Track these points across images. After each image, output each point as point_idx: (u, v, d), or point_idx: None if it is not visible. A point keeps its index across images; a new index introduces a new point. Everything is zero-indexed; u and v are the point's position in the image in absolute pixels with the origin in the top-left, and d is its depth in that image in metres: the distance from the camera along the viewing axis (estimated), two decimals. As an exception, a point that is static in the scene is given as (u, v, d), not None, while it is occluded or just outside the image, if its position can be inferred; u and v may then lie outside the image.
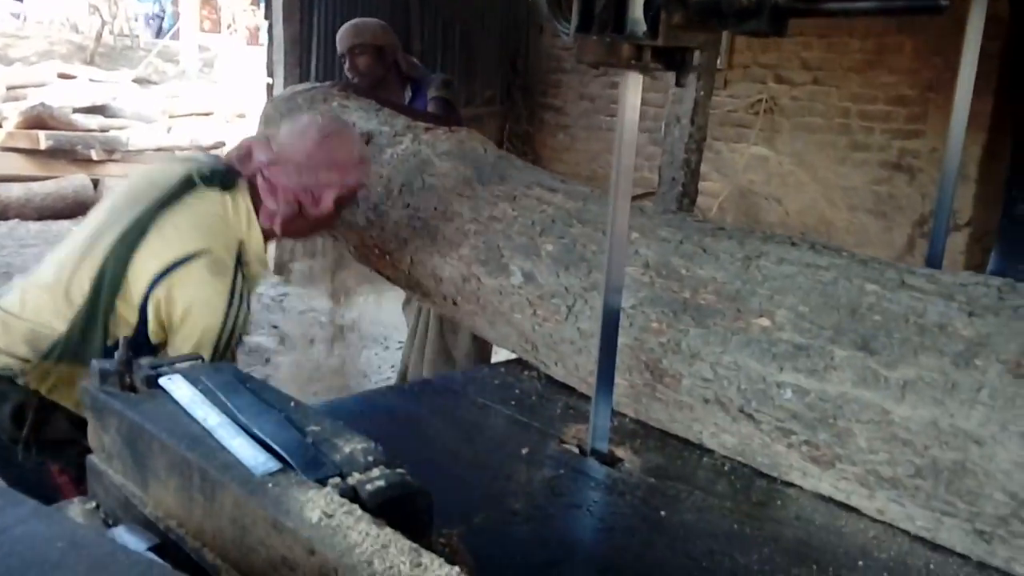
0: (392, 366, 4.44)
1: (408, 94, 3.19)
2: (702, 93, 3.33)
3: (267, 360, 4.31)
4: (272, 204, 1.64)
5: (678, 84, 1.33)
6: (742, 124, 5.61)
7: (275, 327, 4.71)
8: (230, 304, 1.58)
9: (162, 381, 1.34)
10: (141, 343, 1.60)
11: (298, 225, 1.70)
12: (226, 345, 1.60)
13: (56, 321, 1.58)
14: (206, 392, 1.30)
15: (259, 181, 1.65)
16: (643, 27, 1.21)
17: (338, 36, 3.16)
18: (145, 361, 1.37)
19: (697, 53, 1.33)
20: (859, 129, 5.09)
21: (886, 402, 1.21)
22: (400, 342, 4.75)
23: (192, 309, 1.55)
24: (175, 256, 1.55)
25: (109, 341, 1.57)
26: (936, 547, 1.22)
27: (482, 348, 3.23)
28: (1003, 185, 2.54)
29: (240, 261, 1.60)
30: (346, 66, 3.12)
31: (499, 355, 2.70)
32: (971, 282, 1.29)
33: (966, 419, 1.14)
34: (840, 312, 1.30)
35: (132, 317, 1.58)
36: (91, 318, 1.56)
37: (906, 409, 1.19)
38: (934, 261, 1.97)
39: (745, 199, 5.67)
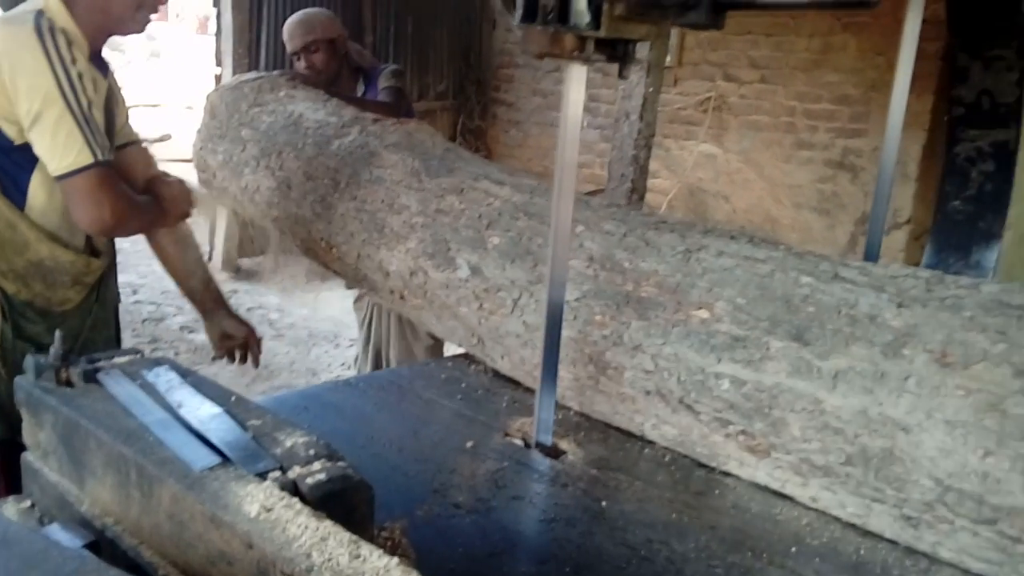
0: (343, 363, 4.41)
1: (360, 86, 3.16)
2: (651, 89, 3.38)
3: (214, 358, 4.24)
4: None
5: (620, 76, 1.34)
6: (691, 122, 5.69)
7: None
8: (56, 61, 1.56)
9: (100, 376, 1.32)
10: (7, 152, 1.62)
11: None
12: (90, 122, 1.59)
13: None
14: (145, 387, 1.29)
15: None
16: (587, 18, 1.23)
17: (286, 34, 3.03)
18: (83, 357, 1.36)
19: (640, 46, 1.35)
20: (804, 128, 5.19)
21: (819, 392, 1.24)
22: (351, 340, 4.73)
23: (9, 61, 1.55)
24: None
25: None
26: (867, 533, 1.26)
27: (438, 343, 3.23)
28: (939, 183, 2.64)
29: (58, 33, 1.59)
30: (300, 65, 2.99)
31: (451, 349, 2.70)
32: (901, 274, 1.33)
33: (894, 407, 1.18)
34: (776, 304, 1.33)
35: None
36: None
37: (838, 398, 1.22)
38: (871, 258, 2.02)
39: (694, 196, 5.74)
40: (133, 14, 1.73)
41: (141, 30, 1.78)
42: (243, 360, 2.24)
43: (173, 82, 11.64)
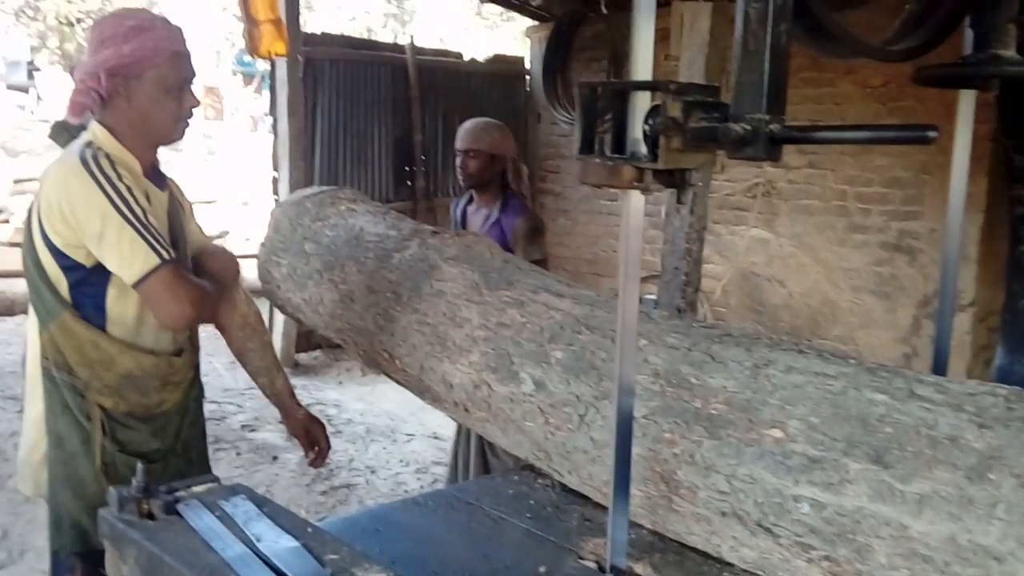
0: (401, 460, 4.41)
1: (496, 207, 3.19)
2: (700, 184, 3.41)
3: (274, 458, 4.28)
4: (75, 98, 1.77)
5: (679, 202, 1.37)
6: (740, 207, 5.70)
7: (282, 422, 4.69)
8: (103, 182, 1.68)
9: (180, 507, 1.35)
10: (82, 277, 1.75)
11: (117, 113, 1.79)
12: (149, 228, 1.70)
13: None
14: (223, 519, 1.31)
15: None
16: (643, 148, 1.25)
17: (459, 131, 3.27)
18: (163, 488, 1.39)
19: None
20: (856, 211, 5.17)
21: (903, 517, 1.21)
22: (407, 435, 4.74)
23: (64, 193, 1.69)
24: (40, 188, 1.76)
25: (62, 293, 1.75)
26: (963, 665, 1.20)
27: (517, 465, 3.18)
28: (1004, 272, 2.60)
29: (101, 157, 1.72)
30: (457, 161, 3.22)
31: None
32: (979, 391, 1.30)
33: (984, 535, 1.14)
34: (851, 423, 1.31)
35: (48, 257, 1.73)
36: (31, 279, 1.77)
37: (924, 524, 1.19)
38: (941, 347, 1.97)
39: (748, 281, 5.71)
40: (174, 126, 1.86)
41: (181, 137, 1.92)
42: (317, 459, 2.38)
43: (228, 178, 12.05)
